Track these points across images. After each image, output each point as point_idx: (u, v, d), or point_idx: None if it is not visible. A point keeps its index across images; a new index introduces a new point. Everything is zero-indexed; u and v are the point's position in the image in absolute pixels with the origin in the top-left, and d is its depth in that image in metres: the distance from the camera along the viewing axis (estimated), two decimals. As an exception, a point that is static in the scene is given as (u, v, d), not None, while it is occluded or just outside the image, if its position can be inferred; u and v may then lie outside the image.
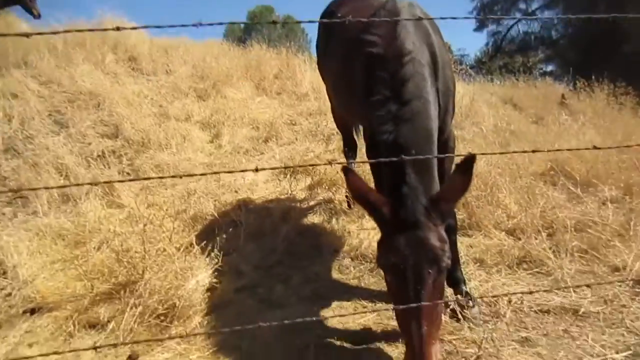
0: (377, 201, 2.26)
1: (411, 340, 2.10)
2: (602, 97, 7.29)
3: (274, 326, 2.93)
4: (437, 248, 2.17)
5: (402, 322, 2.21)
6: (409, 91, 2.46)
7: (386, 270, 2.26)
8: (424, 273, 2.13)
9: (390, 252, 2.19)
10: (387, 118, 2.42)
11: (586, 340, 2.61)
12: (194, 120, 6.74)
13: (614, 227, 3.73)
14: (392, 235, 2.21)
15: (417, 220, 2.19)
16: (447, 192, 2.30)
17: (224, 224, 4.25)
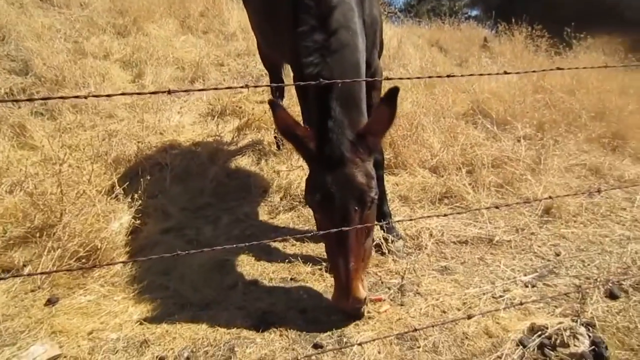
0: (303, 136, 2.23)
1: (339, 275, 2.17)
2: (520, 40, 7.60)
3: (202, 266, 3.00)
4: (363, 184, 2.19)
5: (330, 258, 2.28)
6: (335, 20, 2.38)
7: (313, 208, 2.28)
8: (350, 210, 2.16)
9: (316, 189, 2.19)
10: (312, 49, 2.35)
11: (499, 265, 2.82)
12: (114, 58, 6.24)
13: (527, 162, 3.99)
14: (318, 172, 2.20)
15: (343, 155, 2.18)
16: (373, 125, 2.29)
17: (149, 167, 4.08)
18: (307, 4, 2.39)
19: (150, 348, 2.27)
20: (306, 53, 2.36)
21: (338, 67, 2.36)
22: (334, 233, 2.08)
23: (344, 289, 2.16)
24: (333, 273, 2.29)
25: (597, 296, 2.33)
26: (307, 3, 2.39)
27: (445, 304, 2.39)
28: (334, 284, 2.27)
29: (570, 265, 2.78)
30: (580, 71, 6.04)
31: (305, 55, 2.36)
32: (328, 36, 2.36)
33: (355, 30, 2.46)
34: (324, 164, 2.19)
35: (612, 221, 3.38)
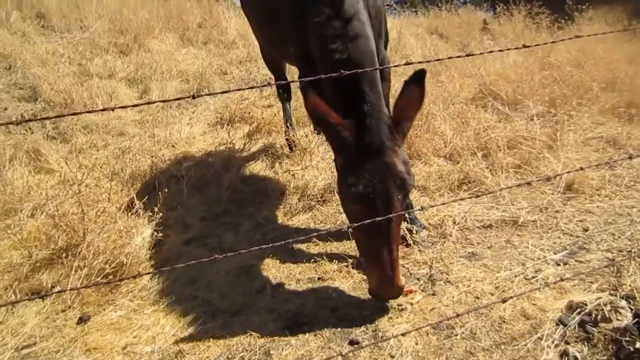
0: (337, 123, 2.17)
1: (383, 264, 2.13)
2: (520, 19, 7.52)
3: (228, 272, 3.00)
4: (403, 172, 2.16)
5: (370, 249, 2.20)
6: (347, 10, 2.37)
7: (352, 198, 2.18)
8: (393, 200, 2.13)
9: (357, 179, 2.12)
10: (334, 36, 2.33)
11: (527, 246, 2.78)
12: (119, 76, 6.31)
13: (543, 139, 3.93)
14: (358, 162, 2.14)
15: (383, 144, 2.14)
16: (405, 110, 2.25)
17: (165, 180, 4.09)
18: None
19: (185, 358, 2.27)
20: (330, 40, 2.33)
21: (358, 54, 2.35)
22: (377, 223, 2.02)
23: (388, 277, 2.14)
24: (372, 263, 2.24)
25: (634, 267, 2.28)
26: None
27: (478, 290, 2.36)
28: (373, 274, 2.24)
29: (600, 239, 2.73)
30: (586, 43, 5.95)
31: (330, 42, 2.33)
32: (345, 24, 2.35)
33: (363, 21, 2.45)
34: (363, 152, 2.14)
35: (637, 191, 3.32)
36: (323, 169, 3.94)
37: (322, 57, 2.42)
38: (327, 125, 2.20)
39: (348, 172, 2.17)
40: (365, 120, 2.16)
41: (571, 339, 1.87)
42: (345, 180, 2.18)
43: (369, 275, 2.31)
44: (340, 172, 2.25)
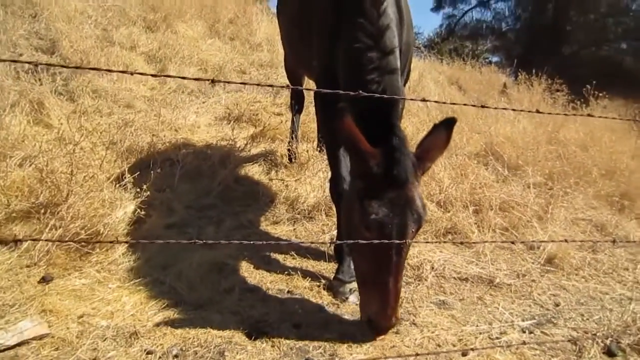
0: (368, 152, 2.20)
1: (387, 296, 2.16)
2: (539, 90, 7.69)
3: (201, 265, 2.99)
4: (420, 208, 2.22)
5: (375, 277, 2.21)
6: (387, 43, 2.42)
7: (369, 225, 2.17)
8: (408, 232, 2.17)
9: (378, 208, 2.14)
10: (372, 67, 2.37)
11: (497, 307, 2.80)
12: (140, 50, 6.34)
13: (534, 209, 3.99)
14: (382, 191, 2.17)
15: (407, 178, 2.19)
16: (430, 151, 2.31)
17: (160, 161, 4.09)
18: (360, 23, 2.39)
19: (139, 340, 2.24)
20: (367, 70, 2.37)
21: (392, 89, 2.40)
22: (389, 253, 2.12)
23: (390, 308, 2.18)
24: (374, 291, 2.23)
25: (595, 351, 2.30)
26: (359, 21, 2.39)
27: (441, 338, 2.36)
28: (374, 303, 2.23)
29: (569, 317, 2.75)
30: (595, 129, 6.12)
31: (367, 72, 2.37)
32: (383, 56, 2.39)
33: (397, 56, 2.50)
34: (387, 182, 2.18)
35: (613, 279, 3.36)
36: (316, 187, 3.96)
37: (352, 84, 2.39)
38: (356, 149, 2.22)
39: (369, 199, 2.17)
40: (394, 153, 2.19)
41: (521, 407, 1.88)
42: (365, 206, 2.17)
43: (367, 303, 2.29)
44: (358, 196, 2.25)
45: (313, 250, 3.35)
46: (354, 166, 2.35)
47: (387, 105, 2.30)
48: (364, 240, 2.04)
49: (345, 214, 2.51)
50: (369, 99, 2.06)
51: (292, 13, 3.56)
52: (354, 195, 2.30)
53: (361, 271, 2.34)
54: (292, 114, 4.83)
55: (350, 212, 2.35)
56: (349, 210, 2.37)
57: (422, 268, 3.15)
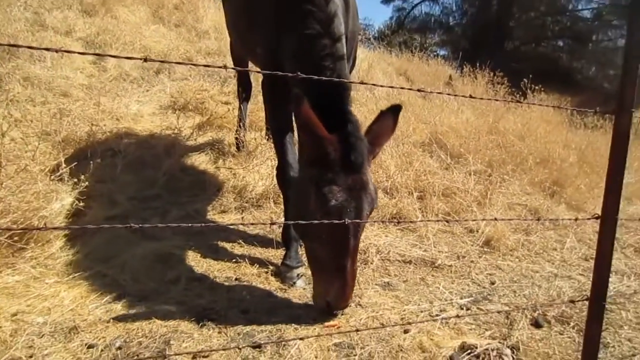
0: (325, 137, 2.20)
1: (343, 276, 2.22)
2: (482, 83, 8.02)
3: (145, 257, 2.93)
4: (373, 192, 2.28)
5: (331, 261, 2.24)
6: (336, 30, 2.43)
7: (327, 210, 2.17)
8: (364, 215, 2.23)
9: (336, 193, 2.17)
10: (326, 54, 2.39)
11: (438, 287, 2.92)
12: (76, 36, 6.04)
13: (475, 194, 4.18)
14: (339, 176, 2.19)
15: (363, 163, 2.23)
16: (379, 136, 2.36)
17: (101, 151, 3.95)
18: (309, 9, 2.40)
19: (79, 335, 2.18)
20: (320, 57, 2.39)
21: (343, 74, 2.43)
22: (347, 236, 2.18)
23: (345, 289, 2.24)
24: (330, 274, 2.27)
25: (524, 323, 2.46)
26: (308, 8, 2.40)
27: (385, 317, 2.44)
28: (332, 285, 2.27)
29: (502, 294, 2.91)
30: (531, 120, 6.46)
31: (321, 59, 2.39)
32: (333, 43, 2.41)
33: (344, 42, 2.52)
34: (344, 168, 2.20)
35: (543, 259, 3.59)
36: (264, 175, 3.95)
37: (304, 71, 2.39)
38: (314, 135, 2.22)
39: (327, 185, 2.18)
40: (349, 138, 2.22)
41: (457, 377, 1.99)
42: (323, 192, 2.18)
43: (325, 288, 2.30)
44: (313, 182, 2.24)
45: (261, 238, 3.36)
46: (308, 152, 2.33)
47: (339, 92, 2.34)
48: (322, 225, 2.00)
49: (299, 201, 2.47)
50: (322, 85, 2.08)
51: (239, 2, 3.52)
52: (309, 182, 2.28)
53: (317, 258, 2.34)
54: (239, 102, 4.79)
55: (304, 198, 2.32)
56: (303, 197, 2.34)
57: (368, 252, 3.24)
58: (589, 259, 3.62)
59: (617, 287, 3.11)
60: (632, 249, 4.01)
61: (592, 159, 5.71)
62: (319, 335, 2.13)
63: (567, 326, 2.52)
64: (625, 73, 1.79)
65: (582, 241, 4.00)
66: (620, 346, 2.41)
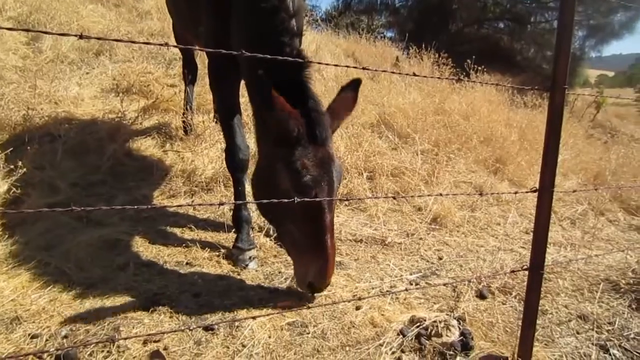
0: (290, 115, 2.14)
1: (325, 252, 2.15)
2: (428, 64, 8.19)
3: (91, 244, 2.83)
4: (339, 166, 2.28)
5: (314, 239, 2.18)
6: (290, 5, 2.39)
7: (300, 186, 2.13)
8: (335, 189, 2.22)
9: (308, 169, 2.14)
10: (282, 29, 2.33)
11: (388, 264, 3.00)
12: (6, 15, 5.67)
13: (422, 174, 4.29)
14: (308, 152, 2.16)
15: (327, 137, 2.21)
16: (339, 111, 2.35)
17: (38, 136, 3.76)
18: None
19: (22, 325, 2.10)
20: (279, 32, 2.33)
21: (299, 50, 2.40)
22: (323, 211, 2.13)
23: (328, 267, 2.17)
24: (310, 253, 2.20)
25: (469, 295, 2.58)
26: None
27: (337, 295, 2.49)
28: (310, 266, 2.21)
29: (450, 268, 3.04)
30: (475, 100, 6.67)
31: (280, 34, 2.33)
32: (290, 18, 2.37)
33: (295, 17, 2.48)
34: (311, 143, 2.17)
35: (488, 234, 3.76)
36: (214, 158, 3.90)
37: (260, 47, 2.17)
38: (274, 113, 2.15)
39: (297, 161, 2.15)
40: (312, 114, 2.20)
41: (407, 348, 2.06)
42: (295, 169, 2.15)
43: (305, 268, 2.24)
44: (283, 163, 2.20)
45: (212, 222, 3.33)
46: (272, 132, 2.26)
47: (299, 69, 2.30)
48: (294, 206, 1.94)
49: (267, 183, 2.36)
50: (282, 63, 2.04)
51: None
52: (278, 161, 2.23)
53: (295, 239, 2.28)
54: (185, 85, 4.67)
55: (273, 179, 2.26)
56: (272, 178, 2.28)
57: (320, 233, 3.27)
58: (530, 232, 3.81)
59: (554, 257, 3.31)
60: (568, 221, 4.27)
61: (531, 137, 5.98)
62: (271, 314, 2.15)
63: (510, 296, 2.67)
64: (558, 52, 1.88)
65: (524, 215, 4.22)
66: (558, 312, 2.58)
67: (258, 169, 2.45)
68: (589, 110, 10.89)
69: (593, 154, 6.61)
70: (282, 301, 2.38)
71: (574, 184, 5.32)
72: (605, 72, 47.44)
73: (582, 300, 2.72)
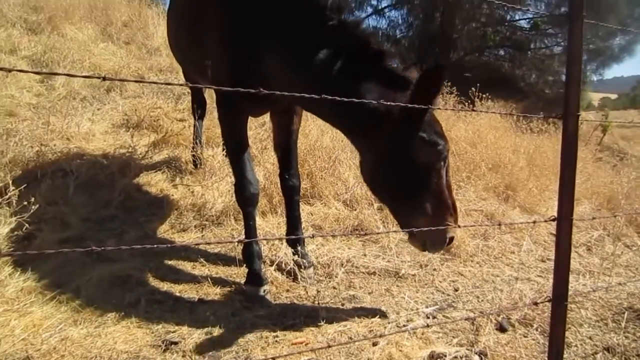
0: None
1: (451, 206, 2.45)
2: (432, 93, 8.21)
3: (102, 280, 2.81)
4: None
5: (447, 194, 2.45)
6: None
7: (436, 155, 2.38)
8: None
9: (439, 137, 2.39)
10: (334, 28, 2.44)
11: (403, 297, 2.94)
12: (22, 54, 5.82)
13: (433, 203, 4.25)
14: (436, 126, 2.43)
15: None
16: None
17: (51, 172, 3.80)
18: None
19: (33, 366, 2.06)
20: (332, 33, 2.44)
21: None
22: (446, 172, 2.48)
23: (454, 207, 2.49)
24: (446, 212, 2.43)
25: (489, 328, 2.51)
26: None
27: (352, 331, 2.44)
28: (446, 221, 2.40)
29: (466, 300, 2.97)
30: (481, 127, 6.68)
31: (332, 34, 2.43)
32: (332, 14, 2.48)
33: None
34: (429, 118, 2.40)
35: (502, 263, 3.69)
36: (224, 192, 3.89)
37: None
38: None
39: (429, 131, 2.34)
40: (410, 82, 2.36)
41: (428, 385, 2.00)
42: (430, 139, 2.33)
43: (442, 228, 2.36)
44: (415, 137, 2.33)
45: (223, 256, 3.30)
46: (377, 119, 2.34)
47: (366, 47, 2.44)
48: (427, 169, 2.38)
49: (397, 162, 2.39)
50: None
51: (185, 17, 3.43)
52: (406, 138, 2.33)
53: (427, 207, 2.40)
54: (194, 119, 4.72)
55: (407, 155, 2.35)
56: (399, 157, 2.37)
57: (332, 265, 3.23)
58: (546, 260, 3.76)
59: (574, 286, 3.23)
60: (584, 247, 4.19)
61: (540, 162, 5.95)
62: (288, 355, 2.09)
63: (531, 328, 2.59)
64: (569, 79, 1.88)
65: (538, 243, 4.15)
66: (583, 345, 2.50)
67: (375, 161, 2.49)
68: (595, 133, 10.87)
69: (603, 178, 6.54)
70: (297, 338, 2.33)
71: (587, 209, 5.25)
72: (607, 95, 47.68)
73: (607, 330, 2.63)
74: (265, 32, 2.53)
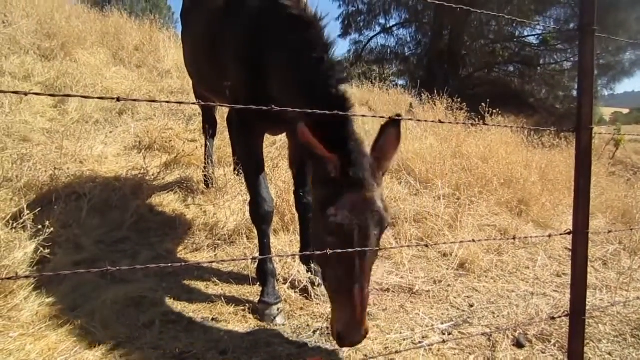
0: (325, 157, 2.12)
1: (353, 304, 2.04)
2: (442, 109, 8.29)
3: (116, 302, 2.81)
4: (382, 209, 2.14)
5: (339, 286, 2.11)
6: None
7: (330, 229, 2.10)
8: (370, 235, 2.09)
9: (337, 211, 2.08)
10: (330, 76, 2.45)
11: (418, 313, 2.91)
12: (35, 80, 5.94)
13: (445, 218, 4.23)
14: (340, 194, 2.11)
15: (365, 179, 2.14)
16: (385, 150, 2.25)
17: (64, 195, 3.83)
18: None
19: (48, 389, 2.05)
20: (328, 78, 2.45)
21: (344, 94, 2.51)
22: (351, 258, 2.02)
23: (357, 319, 2.05)
24: (339, 302, 2.12)
25: (506, 344, 2.47)
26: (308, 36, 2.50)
27: (368, 349, 2.41)
28: (340, 316, 2.10)
29: (482, 316, 2.93)
30: (492, 142, 6.67)
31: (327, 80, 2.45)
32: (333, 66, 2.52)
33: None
34: (346, 185, 2.12)
35: (517, 278, 3.64)
36: (236, 210, 3.91)
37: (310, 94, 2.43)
38: (315, 155, 2.15)
39: (329, 203, 2.12)
40: (351, 155, 2.17)
41: (446, 404, 1.97)
42: (324, 211, 2.12)
43: (335, 314, 2.15)
44: (319, 203, 2.21)
45: (236, 275, 3.29)
46: (314, 174, 2.30)
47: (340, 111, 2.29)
48: (328, 246, 1.92)
49: (312, 226, 2.48)
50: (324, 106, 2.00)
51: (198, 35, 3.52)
52: (316, 204, 2.26)
53: (329, 284, 2.23)
54: (205, 139, 4.77)
55: (314, 222, 2.30)
56: (314, 220, 2.34)
57: (346, 283, 3.20)
58: (561, 275, 3.70)
59: (591, 301, 3.17)
60: (600, 262, 4.13)
61: (553, 177, 5.91)
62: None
63: (549, 344, 2.55)
64: (581, 91, 1.89)
65: (553, 258, 4.10)
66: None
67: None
68: (608, 147, 10.78)
69: (617, 192, 6.48)
70: (312, 356, 2.31)
71: (602, 223, 5.19)
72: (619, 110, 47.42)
73: (626, 346, 2.58)
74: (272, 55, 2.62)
